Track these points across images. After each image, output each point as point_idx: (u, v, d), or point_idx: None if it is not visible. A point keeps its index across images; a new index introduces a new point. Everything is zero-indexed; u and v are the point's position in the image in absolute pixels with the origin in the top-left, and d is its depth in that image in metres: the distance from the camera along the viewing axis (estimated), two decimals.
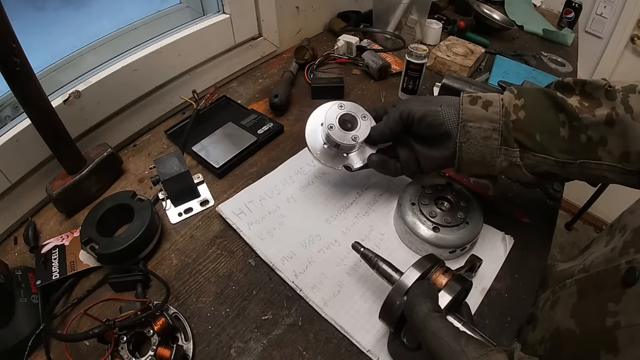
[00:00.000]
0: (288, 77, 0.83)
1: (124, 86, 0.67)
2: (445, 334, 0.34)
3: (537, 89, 0.47)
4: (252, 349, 0.45)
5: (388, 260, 0.45)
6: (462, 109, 0.46)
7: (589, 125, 0.42)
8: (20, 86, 0.48)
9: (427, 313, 0.35)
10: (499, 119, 0.45)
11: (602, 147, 0.42)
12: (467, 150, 0.47)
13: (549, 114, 0.44)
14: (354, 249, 0.47)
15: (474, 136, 0.46)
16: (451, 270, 0.42)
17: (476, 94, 0.48)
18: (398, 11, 0.98)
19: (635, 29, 1.54)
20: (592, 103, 0.43)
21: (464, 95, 0.48)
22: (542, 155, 0.45)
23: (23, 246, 0.56)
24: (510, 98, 0.46)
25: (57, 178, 0.58)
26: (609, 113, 0.41)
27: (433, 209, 0.53)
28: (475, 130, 0.46)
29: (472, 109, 0.46)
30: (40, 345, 0.44)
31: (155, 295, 0.50)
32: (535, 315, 0.46)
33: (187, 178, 0.59)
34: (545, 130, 0.44)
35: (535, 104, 0.45)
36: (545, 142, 0.44)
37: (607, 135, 0.42)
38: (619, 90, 0.42)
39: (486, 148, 0.46)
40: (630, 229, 0.37)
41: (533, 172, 0.46)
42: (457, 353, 0.32)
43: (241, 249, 0.55)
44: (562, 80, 0.46)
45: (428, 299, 0.37)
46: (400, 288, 0.40)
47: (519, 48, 1.07)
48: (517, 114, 0.45)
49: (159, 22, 0.80)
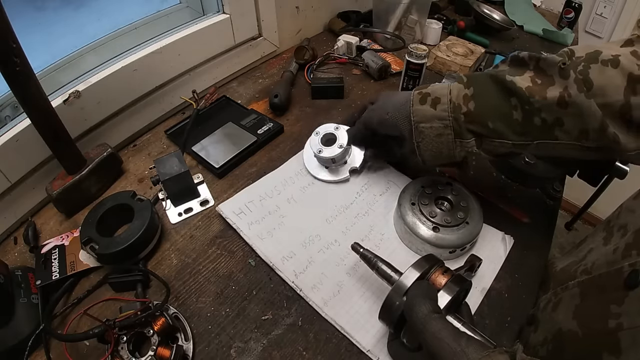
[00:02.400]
0: (288, 77, 0.83)
1: (124, 86, 0.67)
2: (445, 335, 0.34)
3: (486, 75, 0.47)
4: (252, 349, 0.45)
5: (387, 261, 0.45)
6: (412, 111, 0.48)
7: (541, 107, 0.42)
8: (20, 86, 0.48)
9: (427, 314, 0.35)
10: (448, 116, 0.46)
11: (559, 127, 0.42)
12: (425, 148, 0.49)
13: (499, 99, 0.44)
14: (354, 250, 0.48)
15: (428, 135, 0.48)
16: (450, 270, 0.42)
17: (426, 89, 0.49)
18: (398, 11, 0.98)
19: (635, 29, 1.54)
20: (545, 80, 0.42)
21: (415, 93, 0.49)
22: (499, 140, 0.45)
23: (23, 246, 0.56)
24: (459, 89, 0.47)
25: (57, 178, 0.58)
26: (561, 94, 0.41)
27: (433, 209, 0.53)
28: (427, 130, 0.48)
29: (421, 109, 0.48)
30: (40, 345, 0.44)
31: (155, 295, 0.50)
32: (536, 316, 0.45)
33: (187, 178, 0.59)
34: (497, 116, 0.45)
35: (484, 91, 0.45)
36: (499, 128, 0.45)
37: (562, 117, 0.42)
38: (579, 59, 0.41)
39: (441, 144, 0.48)
40: (632, 230, 0.37)
41: (493, 154, 0.48)
42: (458, 354, 0.32)
43: (241, 249, 0.55)
44: (518, 55, 0.46)
45: (427, 299, 0.37)
46: (399, 288, 0.40)
47: (519, 48, 1.07)
48: (467, 106, 0.46)
49: (159, 22, 0.80)
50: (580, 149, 0.43)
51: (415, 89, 0.50)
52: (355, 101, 0.82)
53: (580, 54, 0.42)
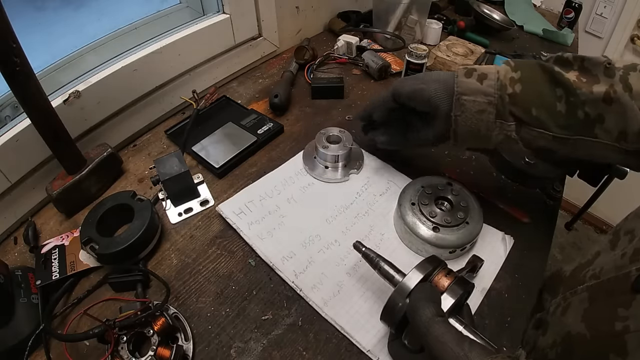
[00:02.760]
0: (288, 77, 0.83)
1: (124, 86, 0.67)
2: (448, 339, 0.34)
3: (534, 62, 0.46)
4: (252, 349, 0.45)
5: (390, 261, 0.45)
6: (456, 82, 0.46)
7: (586, 101, 0.42)
8: (20, 86, 0.48)
9: (430, 317, 0.35)
10: (494, 93, 0.45)
11: (600, 125, 0.42)
12: (462, 124, 0.47)
13: (545, 87, 0.44)
14: (355, 249, 0.47)
15: (469, 109, 0.46)
16: (453, 272, 0.42)
17: (472, 66, 0.48)
18: (398, 11, 0.98)
19: (635, 29, 1.54)
20: (590, 79, 0.42)
21: (460, 68, 0.48)
22: (539, 130, 0.44)
23: (23, 246, 0.56)
24: (506, 71, 0.46)
25: (57, 178, 0.58)
26: (607, 90, 0.41)
27: (433, 209, 0.53)
28: (469, 103, 0.46)
29: (467, 82, 0.46)
30: (40, 345, 0.44)
31: (155, 295, 0.50)
32: (545, 320, 0.45)
33: (187, 178, 0.59)
34: (541, 104, 0.44)
35: (531, 77, 0.45)
36: (542, 116, 0.44)
37: (604, 113, 0.41)
38: (619, 68, 0.42)
39: (481, 122, 0.46)
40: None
41: (530, 146, 0.46)
42: (461, 358, 0.32)
43: (241, 249, 0.55)
44: (562, 55, 0.46)
45: (431, 303, 0.37)
46: (402, 290, 0.39)
47: (519, 48, 1.07)
48: (513, 87, 0.45)
49: (159, 22, 0.80)
50: (618, 151, 0.42)
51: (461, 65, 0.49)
52: (355, 101, 0.82)
53: (618, 65, 0.43)
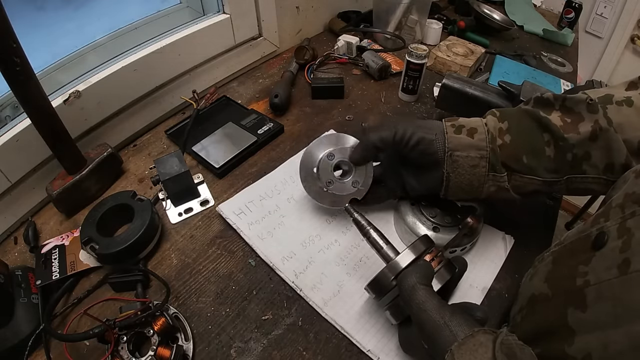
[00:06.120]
0: (288, 77, 0.83)
1: (124, 86, 0.67)
2: (429, 307, 0.35)
3: (518, 110, 0.47)
4: (252, 349, 0.45)
5: (380, 231, 0.46)
6: (447, 138, 0.46)
7: (575, 144, 0.42)
8: (20, 86, 0.48)
9: (414, 284, 0.36)
10: (486, 146, 0.45)
11: (587, 162, 0.43)
12: (455, 180, 0.47)
13: (533, 135, 0.44)
14: (347, 212, 0.48)
15: (462, 165, 0.46)
16: (442, 255, 0.42)
17: (458, 121, 0.47)
18: (398, 11, 0.98)
19: (635, 29, 1.54)
20: (574, 118, 0.43)
21: (447, 125, 0.47)
22: (529, 177, 0.45)
23: (23, 246, 0.56)
24: (494, 122, 0.46)
25: (57, 178, 0.58)
26: (593, 127, 0.41)
27: (433, 209, 0.53)
28: (462, 159, 0.45)
29: (457, 137, 0.46)
30: (40, 345, 0.44)
31: (155, 295, 0.50)
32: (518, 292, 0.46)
33: (187, 178, 0.59)
34: (531, 152, 0.44)
35: (519, 126, 0.45)
36: (532, 163, 0.44)
37: (591, 150, 0.42)
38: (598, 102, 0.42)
39: (474, 176, 0.46)
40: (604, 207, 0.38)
41: (520, 192, 0.47)
42: (441, 327, 0.33)
43: (241, 249, 0.55)
44: (542, 96, 0.46)
45: (418, 272, 0.38)
46: (394, 269, 0.40)
47: (519, 48, 1.07)
48: (502, 139, 0.45)
49: (159, 22, 0.80)
50: (606, 183, 0.43)
51: (444, 119, 0.47)
52: (355, 101, 0.82)
53: (592, 96, 0.43)
